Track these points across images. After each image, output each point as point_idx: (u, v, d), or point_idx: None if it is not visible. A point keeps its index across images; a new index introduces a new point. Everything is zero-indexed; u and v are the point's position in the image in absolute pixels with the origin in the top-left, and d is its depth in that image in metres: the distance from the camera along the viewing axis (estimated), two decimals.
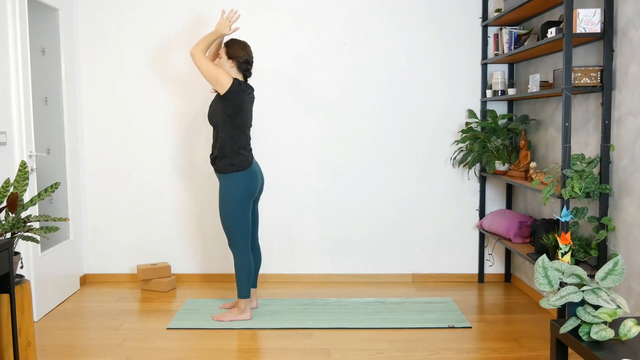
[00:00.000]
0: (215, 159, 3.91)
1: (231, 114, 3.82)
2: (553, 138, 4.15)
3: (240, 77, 3.94)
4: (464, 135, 4.75)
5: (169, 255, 5.00)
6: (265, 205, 4.94)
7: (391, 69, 4.86)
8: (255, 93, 4.85)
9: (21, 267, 3.32)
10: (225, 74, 3.79)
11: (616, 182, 3.29)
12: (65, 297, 4.54)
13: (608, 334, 2.30)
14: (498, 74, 4.57)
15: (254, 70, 4.81)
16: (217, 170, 3.91)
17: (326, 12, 4.83)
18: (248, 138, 3.94)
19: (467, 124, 4.74)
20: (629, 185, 3.17)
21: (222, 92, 3.80)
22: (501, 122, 4.76)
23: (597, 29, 3.27)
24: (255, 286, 4.21)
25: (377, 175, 4.92)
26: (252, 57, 3.97)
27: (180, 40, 4.85)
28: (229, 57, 3.89)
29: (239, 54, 3.89)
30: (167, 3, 4.84)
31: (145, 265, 4.80)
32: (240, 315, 4.00)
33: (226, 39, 4.24)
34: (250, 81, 4.77)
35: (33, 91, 4.20)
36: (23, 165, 3.14)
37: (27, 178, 3.13)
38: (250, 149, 3.96)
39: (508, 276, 4.93)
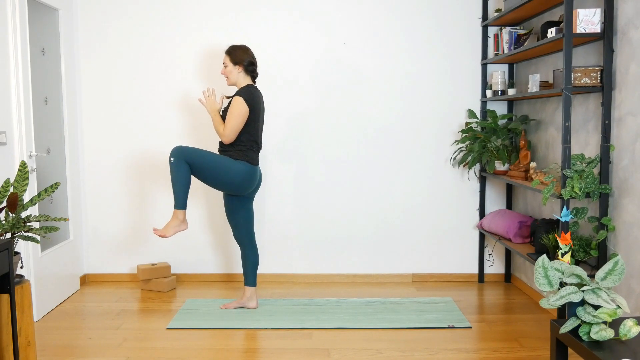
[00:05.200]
0: (225, 151, 4.00)
1: (248, 120, 3.95)
2: (553, 138, 4.15)
3: (249, 80, 4.05)
4: (464, 135, 4.75)
5: (169, 255, 5.00)
6: (266, 205, 4.94)
7: (391, 69, 4.86)
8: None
9: (21, 267, 3.32)
10: (240, 111, 3.88)
11: (616, 182, 3.29)
12: (65, 297, 4.54)
13: (608, 334, 2.30)
14: (498, 74, 4.57)
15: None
16: (227, 157, 3.98)
17: (326, 12, 4.83)
18: (260, 140, 4.05)
19: (467, 124, 4.74)
20: (629, 185, 3.17)
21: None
22: (501, 122, 4.76)
23: (597, 29, 3.27)
24: (254, 285, 4.21)
25: (377, 175, 4.92)
26: (255, 58, 4.09)
27: (181, 40, 4.85)
28: (235, 63, 4.02)
29: (243, 57, 4.02)
30: (167, 3, 4.84)
31: (145, 265, 4.80)
32: (182, 225, 3.95)
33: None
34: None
35: (33, 91, 4.20)
36: (23, 165, 3.14)
37: (27, 178, 3.13)
38: (259, 150, 4.08)
39: (508, 276, 4.93)
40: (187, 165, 3.85)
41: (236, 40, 4.83)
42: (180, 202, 3.89)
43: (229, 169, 3.90)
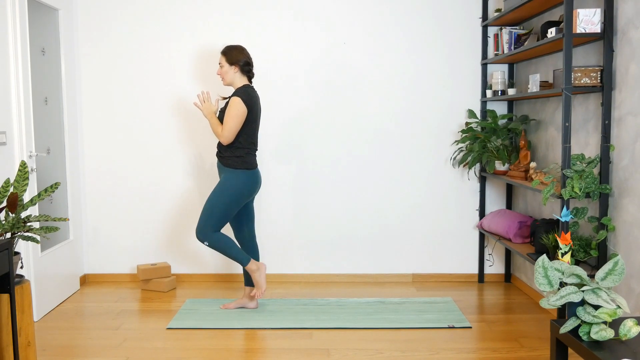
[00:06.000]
0: (223, 157, 4.00)
1: (246, 121, 3.95)
2: (553, 138, 4.15)
3: (245, 80, 4.03)
4: (464, 135, 4.75)
5: (169, 255, 5.00)
6: (266, 205, 4.94)
7: (391, 69, 4.86)
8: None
9: (21, 267, 3.32)
10: (238, 112, 3.88)
11: (616, 182, 3.29)
12: (65, 297, 4.54)
13: (608, 334, 2.30)
14: (498, 74, 4.57)
15: (254, 71, 4.82)
16: (226, 165, 3.98)
17: (326, 11, 4.83)
18: (256, 140, 4.06)
19: (467, 124, 4.74)
20: (629, 185, 3.17)
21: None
22: (501, 122, 4.76)
23: (597, 29, 3.27)
24: (255, 285, 4.21)
25: (377, 175, 4.92)
26: (251, 58, 4.07)
27: (182, 40, 4.85)
28: (231, 63, 4.01)
29: (239, 57, 4.01)
30: (167, 3, 4.84)
31: (145, 265, 4.80)
32: (261, 268, 4.06)
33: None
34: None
35: (33, 91, 4.20)
36: (23, 165, 3.14)
37: (27, 178, 3.13)
38: (256, 151, 4.08)
39: (508, 276, 4.93)
40: (219, 233, 3.94)
41: (236, 40, 4.83)
42: (245, 259, 4.00)
43: (234, 190, 3.93)
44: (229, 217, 3.96)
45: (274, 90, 4.88)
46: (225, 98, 4.21)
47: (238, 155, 3.96)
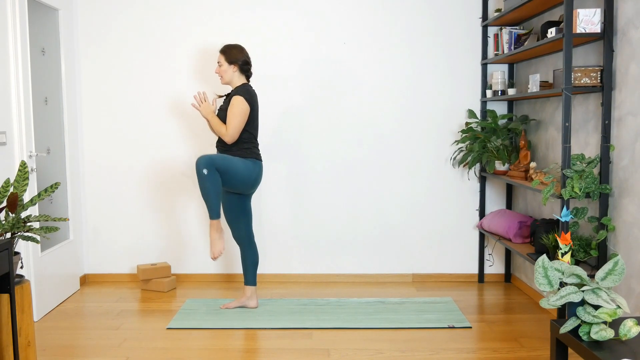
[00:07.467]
0: (230, 151, 4.01)
1: (248, 119, 3.98)
2: (553, 138, 4.15)
3: (243, 79, 4.05)
4: (464, 135, 4.75)
5: (169, 255, 5.00)
6: (266, 205, 4.94)
7: (391, 69, 4.86)
8: (257, 93, 4.87)
9: (21, 267, 3.32)
10: (242, 110, 3.91)
11: (616, 182, 3.29)
12: (65, 297, 4.54)
13: (608, 334, 2.30)
14: (498, 74, 4.57)
15: (255, 71, 4.82)
16: (235, 156, 3.99)
17: (326, 12, 4.83)
18: (256, 137, 4.08)
19: (467, 124, 4.74)
20: (629, 185, 3.17)
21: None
22: (501, 122, 4.76)
23: (597, 29, 3.27)
24: (254, 284, 4.21)
25: (378, 175, 4.92)
26: (250, 58, 4.08)
27: (181, 40, 4.85)
28: (230, 62, 4.03)
29: (238, 57, 4.04)
30: (167, 2, 4.84)
31: (145, 265, 4.80)
32: (222, 231, 3.93)
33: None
34: (252, 82, 4.78)
35: (33, 91, 4.20)
36: (23, 165, 3.14)
37: (27, 178, 3.13)
38: (259, 146, 4.13)
39: (508, 276, 4.93)
40: (217, 174, 3.85)
41: (234, 39, 4.83)
42: (218, 211, 3.88)
43: (242, 168, 3.93)
44: (224, 177, 3.85)
45: (273, 90, 4.88)
46: (221, 96, 4.21)
47: (245, 147, 3.99)
